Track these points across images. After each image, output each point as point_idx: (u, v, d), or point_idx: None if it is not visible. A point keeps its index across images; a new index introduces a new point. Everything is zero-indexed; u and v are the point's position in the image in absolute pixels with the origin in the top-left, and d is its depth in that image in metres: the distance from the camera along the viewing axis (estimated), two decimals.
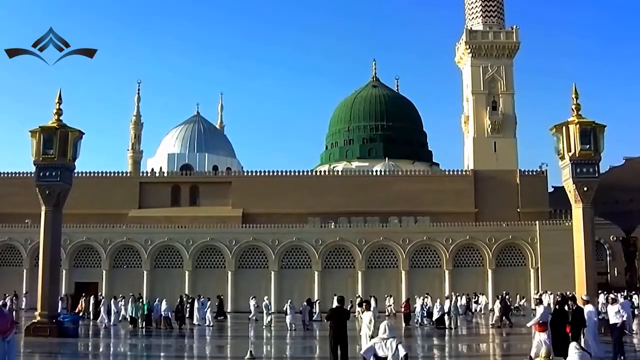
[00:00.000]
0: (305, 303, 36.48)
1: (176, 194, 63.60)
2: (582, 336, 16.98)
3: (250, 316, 40.13)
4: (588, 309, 17.77)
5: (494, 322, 35.50)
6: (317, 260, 53.78)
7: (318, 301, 43.60)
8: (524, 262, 54.39)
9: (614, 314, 18.44)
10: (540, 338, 16.58)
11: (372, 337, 16.30)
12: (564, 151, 26.82)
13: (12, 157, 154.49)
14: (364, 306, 18.66)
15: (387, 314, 44.40)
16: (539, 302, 19.20)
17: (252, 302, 41.04)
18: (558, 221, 53.98)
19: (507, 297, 41.11)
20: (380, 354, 12.81)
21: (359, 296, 47.25)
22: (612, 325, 18.49)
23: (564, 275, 40.72)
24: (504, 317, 34.70)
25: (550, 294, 43.68)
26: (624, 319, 18.57)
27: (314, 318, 38.29)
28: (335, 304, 17.58)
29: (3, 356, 7.26)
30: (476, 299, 48.98)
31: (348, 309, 24.12)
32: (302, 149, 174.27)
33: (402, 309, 38.81)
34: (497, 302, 36.50)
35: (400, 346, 12.91)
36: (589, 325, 17.31)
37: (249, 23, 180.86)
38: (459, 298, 40.93)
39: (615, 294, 35.54)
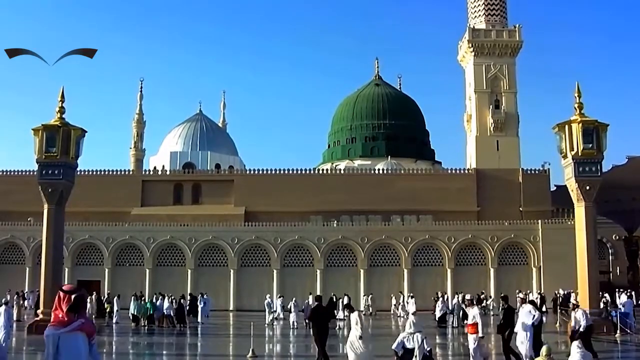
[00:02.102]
0: (307, 301, 36.43)
1: (178, 192, 63.65)
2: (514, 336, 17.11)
3: (275, 315, 39.54)
4: (527, 308, 17.63)
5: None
6: (319, 259, 53.78)
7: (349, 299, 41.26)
8: (526, 261, 54.35)
9: (579, 320, 19.69)
10: (471, 338, 16.55)
11: (361, 337, 16.32)
12: (567, 150, 26.79)
13: (14, 155, 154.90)
14: (348, 308, 18.63)
15: (364, 313, 43.29)
16: (470, 303, 18.88)
17: (278, 302, 40.61)
18: (560, 220, 54.01)
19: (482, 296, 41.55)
20: (409, 345, 14.07)
21: (371, 294, 48.35)
22: (573, 330, 19.45)
23: (566, 274, 40.71)
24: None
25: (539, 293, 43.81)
26: (582, 326, 19.43)
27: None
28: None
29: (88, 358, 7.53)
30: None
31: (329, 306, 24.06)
32: (304, 147, 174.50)
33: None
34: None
35: (425, 340, 14.00)
36: (525, 324, 17.16)
37: (251, 21, 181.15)
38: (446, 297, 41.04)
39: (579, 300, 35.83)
